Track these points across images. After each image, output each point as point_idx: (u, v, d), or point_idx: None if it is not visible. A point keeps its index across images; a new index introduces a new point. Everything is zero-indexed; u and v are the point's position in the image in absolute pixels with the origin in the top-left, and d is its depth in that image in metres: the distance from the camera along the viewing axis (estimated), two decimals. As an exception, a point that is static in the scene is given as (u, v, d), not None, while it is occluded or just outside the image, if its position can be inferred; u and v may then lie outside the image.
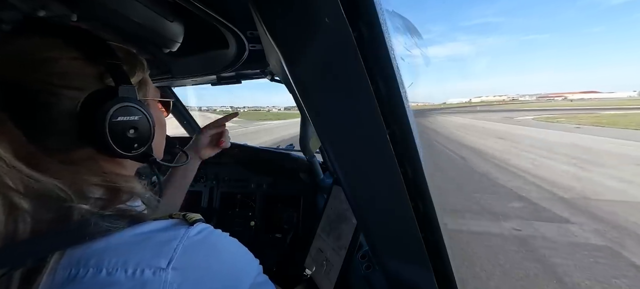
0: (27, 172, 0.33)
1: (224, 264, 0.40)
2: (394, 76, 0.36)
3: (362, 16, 0.33)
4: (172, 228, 0.37)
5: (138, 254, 0.33)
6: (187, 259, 0.35)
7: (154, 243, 0.35)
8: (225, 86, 1.43)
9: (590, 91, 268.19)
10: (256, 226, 1.49)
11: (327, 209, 1.02)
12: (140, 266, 0.32)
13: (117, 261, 0.32)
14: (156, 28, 0.58)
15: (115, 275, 0.31)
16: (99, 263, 0.32)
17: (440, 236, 0.46)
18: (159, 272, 0.32)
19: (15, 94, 0.35)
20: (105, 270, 0.31)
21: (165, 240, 0.35)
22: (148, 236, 0.35)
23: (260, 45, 0.78)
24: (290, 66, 0.36)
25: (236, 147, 1.62)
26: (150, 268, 0.32)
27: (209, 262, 0.38)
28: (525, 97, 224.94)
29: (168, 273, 0.33)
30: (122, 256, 0.33)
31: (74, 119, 0.37)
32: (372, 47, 0.34)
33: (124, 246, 0.34)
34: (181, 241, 0.35)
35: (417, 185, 0.42)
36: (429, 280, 0.49)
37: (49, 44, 0.38)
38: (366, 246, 0.86)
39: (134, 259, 0.33)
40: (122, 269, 0.32)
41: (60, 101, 0.37)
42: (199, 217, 0.40)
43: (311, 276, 0.94)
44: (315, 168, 1.46)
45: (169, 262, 0.33)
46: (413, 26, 0.43)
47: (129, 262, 0.32)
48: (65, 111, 0.37)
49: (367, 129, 0.39)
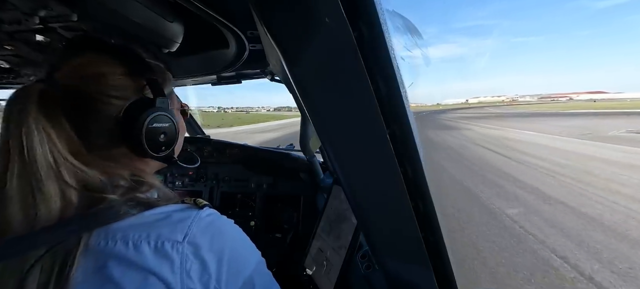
0: (77, 165, 0.40)
1: (229, 243, 0.45)
2: (394, 76, 0.36)
3: (362, 16, 0.33)
4: (186, 210, 0.44)
5: (158, 230, 0.40)
6: (199, 235, 0.41)
7: (171, 221, 0.41)
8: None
9: (597, 91, 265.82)
10: (256, 225, 1.49)
11: (327, 209, 1.02)
12: (161, 239, 0.39)
13: (140, 235, 0.39)
14: (156, 28, 0.58)
15: (140, 247, 0.38)
16: (125, 236, 0.38)
17: (440, 236, 0.46)
18: (176, 245, 0.39)
19: (74, 100, 0.43)
20: (131, 242, 0.38)
21: (180, 219, 0.42)
22: (166, 215, 0.42)
23: (260, 45, 0.78)
24: (290, 66, 0.36)
25: (236, 147, 1.62)
26: (169, 241, 0.39)
27: (217, 240, 0.43)
28: (525, 97, 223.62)
29: (184, 246, 0.39)
30: (144, 231, 0.39)
31: (117, 123, 0.45)
32: (372, 47, 0.34)
33: (146, 224, 0.40)
34: (194, 220, 0.42)
35: (417, 185, 0.42)
36: (429, 280, 0.49)
37: (102, 61, 0.46)
38: (366, 246, 0.86)
39: (155, 233, 0.39)
40: (146, 242, 0.38)
41: (108, 108, 0.45)
42: (207, 203, 0.47)
43: (311, 276, 0.94)
44: (315, 168, 1.46)
45: (185, 237, 0.40)
46: (413, 26, 0.43)
47: (151, 236, 0.39)
48: (111, 116, 0.45)
49: (367, 129, 0.39)
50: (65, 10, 0.51)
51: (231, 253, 0.44)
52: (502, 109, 58.91)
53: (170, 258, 0.38)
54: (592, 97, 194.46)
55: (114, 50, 0.48)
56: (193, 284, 0.39)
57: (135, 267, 0.37)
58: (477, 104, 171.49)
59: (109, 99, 0.45)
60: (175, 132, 0.52)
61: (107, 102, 0.44)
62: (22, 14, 0.52)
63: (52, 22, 0.55)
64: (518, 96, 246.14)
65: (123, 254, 0.37)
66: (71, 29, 0.60)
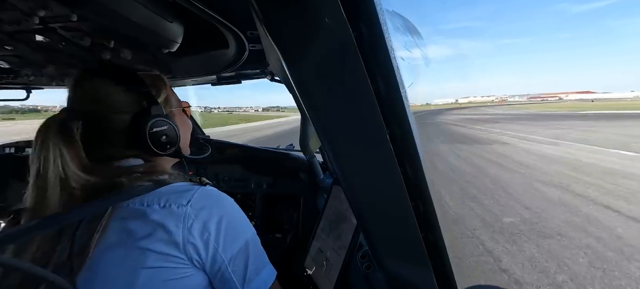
0: (83, 176, 0.51)
1: (227, 213, 0.54)
2: (394, 76, 0.36)
3: (362, 16, 0.33)
4: (191, 184, 0.54)
5: (167, 196, 0.50)
6: (200, 202, 0.51)
7: (178, 190, 0.52)
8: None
9: (585, 91, 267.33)
10: (256, 226, 1.49)
11: (327, 209, 1.02)
12: (168, 202, 0.49)
13: (152, 199, 0.50)
14: (156, 28, 0.58)
15: (152, 206, 0.49)
16: (142, 200, 0.50)
17: (440, 236, 0.46)
18: (181, 206, 0.49)
19: (85, 119, 0.54)
20: (145, 203, 0.49)
21: (186, 189, 0.52)
22: (174, 187, 0.52)
23: (260, 45, 0.78)
24: (290, 66, 0.36)
25: (236, 147, 1.62)
26: (175, 203, 0.49)
27: (217, 207, 0.53)
28: (515, 97, 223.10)
29: (187, 208, 0.49)
30: (156, 197, 0.50)
31: (124, 133, 0.56)
32: (372, 47, 0.34)
33: (157, 193, 0.51)
34: (197, 191, 0.52)
35: (417, 185, 0.42)
36: (429, 280, 0.49)
37: (105, 83, 0.56)
38: (366, 246, 0.86)
39: (165, 198, 0.50)
40: (156, 203, 0.49)
41: (116, 122, 0.56)
42: (210, 182, 0.58)
43: (311, 276, 0.94)
44: (315, 168, 1.46)
45: (188, 201, 0.50)
46: (413, 26, 0.43)
47: (161, 199, 0.50)
48: (121, 127, 0.56)
49: (367, 129, 0.39)
50: (65, 11, 0.51)
51: (229, 219, 0.53)
52: (501, 110, 52.58)
53: (175, 215, 0.48)
54: (581, 97, 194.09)
55: (110, 73, 0.58)
56: (194, 239, 0.48)
57: (146, 220, 0.47)
58: (468, 104, 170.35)
59: (115, 115, 0.56)
60: (175, 132, 0.60)
61: (115, 118, 0.55)
62: (22, 14, 0.52)
63: (52, 22, 0.55)
64: (507, 96, 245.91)
65: (138, 210, 0.48)
66: (71, 29, 0.60)
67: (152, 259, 0.46)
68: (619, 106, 49.10)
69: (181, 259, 0.48)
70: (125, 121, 0.56)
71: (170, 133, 0.59)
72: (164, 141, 0.57)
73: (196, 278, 0.50)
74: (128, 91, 0.57)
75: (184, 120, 0.68)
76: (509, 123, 19.38)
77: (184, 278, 0.48)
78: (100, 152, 0.55)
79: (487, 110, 52.54)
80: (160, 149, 0.57)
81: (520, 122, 19.95)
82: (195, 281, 0.50)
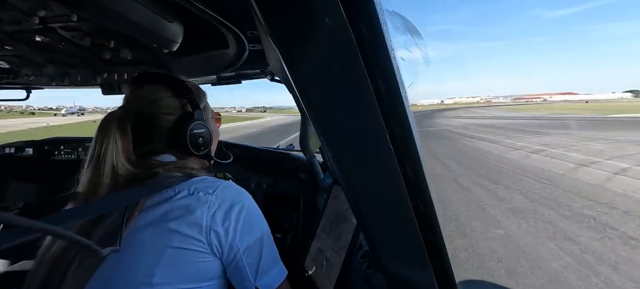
0: (129, 167, 0.58)
1: (246, 205, 0.60)
2: (394, 76, 0.36)
3: (362, 16, 0.33)
4: (216, 179, 0.62)
5: (195, 185, 0.57)
6: (224, 193, 0.58)
7: (205, 182, 0.59)
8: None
9: (569, 93, 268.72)
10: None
11: (327, 209, 1.02)
12: (197, 190, 0.56)
13: (182, 186, 0.57)
14: (156, 28, 0.58)
15: (181, 193, 0.56)
16: (173, 188, 0.56)
17: (440, 236, 0.46)
18: (207, 194, 0.56)
19: (141, 119, 0.63)
20: (177, 190, 0.56)
21: (212, 181, 0.60)
22: (202, 180, 0.60)
23: (260, 45, 0.78)
24: (290, 66, 0.36)
25: (236, 147, 1.62)
26: (203, 191, 0.56)
27: (238, 199, 0.59)
28: (499, 99, 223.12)
29: (213, 197, 0.56)
30: (186, 185, 0.57)
31: (170, 132, 0.64)
32: (372, 47, 0.34)
33: (188, 183, 0.58)
34: (222, 183, 0.60)
35: (417, 185, 0.42)
36: (429, 280, 0.49)
37: (157, 89, 0.66)
38: (366, 246, 0.86)
39: (193, 186, 0.57)
40: (186, 190, 0.56)
41: (163, 122, 0.64)
42: (232, 178, 0.68)
43: (311, 276, 0.94)
44: (315, 168, 1.46)
45: (214, 191, 0.57)
46: (413, 26, 0.43)
47: (190, 187, 0.57)
48: (166, 127, 0.64)
49: (367, 129, 0.39)
50: (65, 11, 0.51)
51: (248, 211, 0.59)
52: (497, 112, 45.83)
53: (202, 201, 0.55)
54: (566, 98, 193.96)
55: (164, 80, 0.67)
56: (216, 226, 0.54)
57: (176, 203, 0.54)
58: (454, 105, 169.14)
59: (163, 116, 0.64)
60: (210, 136, 0.69)
61: (162, 118, 0.64)
62: (22, 14, 0.52)
63: (51, 23, 0.55)
64: (491, 97, 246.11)
65: (170, 195, 0.55)
66: (71, 29, 0.60)
67: (178, 240, 0.51)
68: (619, 108, 43.83)
69: (202, 244, 0.53)
70: (170, 121, 0.64)
71: (206, 136, 0.67)
72: (200, 142, 0.66)
73: (213, 264, 0.56)
74: (176, 96, 0.66)
75: (215, 127, 0.77)
76: (544, 134, 12.43)
77: (203, 263, 0.54)
78: (145, 146, 0.63)
79: (482, 112, 46.05)
80: (195, 149, 0.65)
81: (555, 132, 13.24)
82: (212, 266, 0.56)
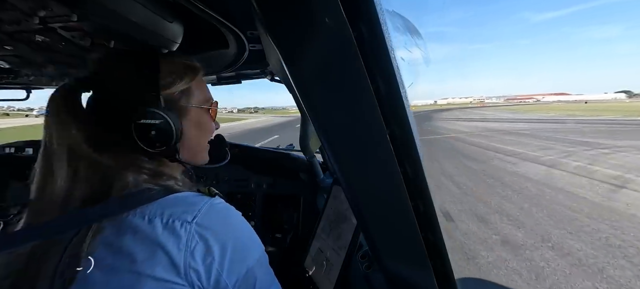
0: (92, 153, 0.48)
1: (236, 233, 0.49)
2: (394, 76, 0.36)
3: (362, 16, 0.33)
4: (199, 195, 0.49)
5: (171, 209, 0.45)
6: (207, 219, 0.45)
7: (184, 202, 0.46)
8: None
9: (561, 93, 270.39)
10: (256, 226, 1.49)
11: (327, 209, 1.02)
12: (172, 217, 0.44)
13: (155, 212, 0.44)
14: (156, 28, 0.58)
15: (153, 221, 0.43)
16: (143, 212, 0.44)
17: (440, 236, 0.46)
18: (185, 224, 0.43)
19: (99, 98, 0.53)
20: (146, 217, 0.44)
21: (192, 202, 0.46)
22: (181, 198, 0.47)
23: (260, 45, 0.78)
24: (290, 66, 0.36)
25: (236, 147, 1.62)
26: (179, 220, 0.43)
27: (223, 227, 0.47)
28: (492, 99, 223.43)
29: (192, 226, 0.43)
30: (159, 208, 0.44)
31: (124, 120, 0.50)
32: (372, 47, 0.34)
33: (162, 203, 0.45)
34: (205, 204, 0.46)
35: (417, 185, 0.42)
36: (429, 280, 0.49)
37: (123, 61, 0.55)
38: (366, 246, 0.86)
39: (168, 212, 0.44)
40: (159, 218, 0.43)
41: (120, 105, 0.52)
42: (218, 193, 0.51)
43: (311, 276, 0.94)
44: (315, 168, 1.46)
45: (194, 218, 0.44)
46: (413, 26, 0.43)
47: (164, 214, 0.44)
48: (123, 112, 0.50)
49: (367, 129, 0.39)
50: (65, 11, 0.51)
51: (236, 241, 0.47)
52: (497, 113, 41.01)
53: (178, 235, 0.42)
54: (558, 98, 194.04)
55: (134, 54, 0.56)
56: (196, 264, 0.43)
57: (146, 239, 0.42)
58: (448, 105, 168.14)
59: (122, 95, 0.52)
60: (171, 128, 0.52)
61: (121, 99, 0.52)
62: (22, 14, 0.52)
63: (52, 22, 0.55)
64: (484, 97, 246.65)
65: (138, 225, 0.43)
66: (71, 29, 0.60)
67: (150, 285, 0.40)
68: (621, 108, 41.63)
69: (182, 286, 0.42)
70: (127, 104, 0.51)
71: (163, 128, 0.51)
72: (152, 136, 0.50)
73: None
74: (139, 74, 0.53)
75: (201, 121, 0.60)
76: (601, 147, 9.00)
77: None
78: (107, 134, 0.50)
79: (483, 113, 41.84)
80: (148, 144, 0.50)
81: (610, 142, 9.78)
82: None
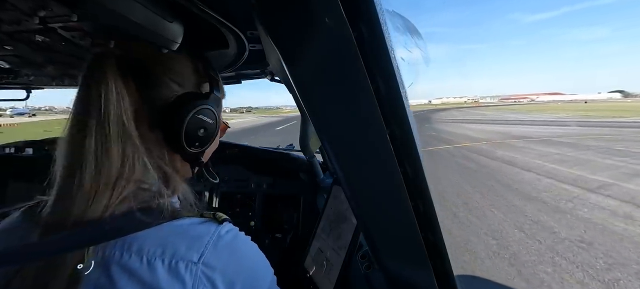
0: (136, 133, 0.42)
1: (245, 266, 0.44)
2: (394, 76, 0.36)
3: (362, 16, 0.33)
4: (204, 225, 0.42)
5: (174, 246, 0.38)
6: (215, 257, 0.40)
7: (188, 236, 0.40)
8: None
9: (555, 93, 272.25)
10: (256, 226, 1.49)
11: (327, 209, 1.02)
12: (175, 258, 0.37)
13: (155, 251, 0.37)
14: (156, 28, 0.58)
15: (153, 264, 0.37)
16: (140, 250, 0.37)
17: (440, 236, 0.46)
18: (190, 265, 0.38)
19: (139, 72, 0.46)
20: (145, 258, 0.37)
21: (198, 235, 0.40)
22: (184, 229, 0.41)
23: (260, 45, 0.78)
24: (290, 66, 0.36)
25: (236, 147, 1.62)
26: (184, 261, 0.38)
27: (233, 262, 0.42)
28: (486, 99, 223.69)
29: (199, 267, 0.38)
30: (160, 246, 0.38)
31: (164, 106, 0.46)
32: (372, 47, 0.34)
33: (163, 236, 0.39)
34: (211, 238, 0.41)
35: (417, 185, 0.42)
36: (429, 280, 0.49)
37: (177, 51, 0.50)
38: (366, 246, 0.86)
39: (170, 250, 0.38)
40: (160, 260, 0.37)
41: (165, 90, 0.47)
42: (226, 217, 0.45)
43: (311, 276, 0.94)
44: (315, 168, 1.46)
45: (200, 257, 0.39)
46: (413, 26, 0.43)
47: (166, 253, 0.38)
48: (164, 97, 0.47)
49: (367, 129, 0.39)
50: (65, 11, 0.51)
51: (246, 276, 0.43)
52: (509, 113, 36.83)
53: (183, 281, 0.37)
54: (552, 98, 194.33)
55: (191, 48, 0.53)
56: None
57: (146, 286, 0.35)
58: (442, 105, 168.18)
59: (169, 82, 0.47)
60: (214, 133, 0.52)
61: (165, 85, 0.47)
62: (22, 14, 0.52)
63: (52, 22, 0.55)
64: (478, 97, 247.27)
65: (135, 269, 0.36)
66: (71, 29, 0.60)
67: None
68: (629, 108, 38.29)
69: None
70: (174, 93, 0.47)
71: (210, 131, 0.51)
72: (200, 134, 0.49)
73: None
74: (196, 70, 0.51)
75: (218, 133, 0.60)
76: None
77: None
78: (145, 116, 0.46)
79: (484, 113, 38.92)
80: (188, 140, 0.48)
81: None
82: None
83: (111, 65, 0.42)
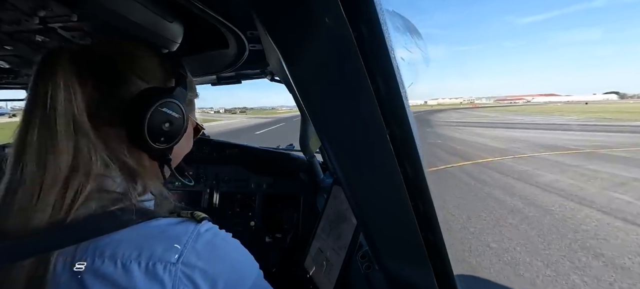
0: (89, 129, 0.41)
1: (226, 264, 0.42)
2: (394, 76, 0.36)
3: (362, 16, 0.33)
4: (182, 224, 0.40)
5: (150, 248, 0.36)
6: (194, 255, 0.38)
7: (165, 237, 0.38)
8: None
9: (550, 94, 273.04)
10: (256, 226, 1.49)
11: (327, 209, 1.02)
12: (152, 260, 0.36)
13: (130, 254, 0.35)
14: (156, 29, 0.58)
15: (129, 267, 0.35)
16: (114, 254, 0.35)
17: (440, 236, 0.46)
18: (169, 266, 0.36)
19: (102, 67, 0.44)
20: (120, 262, 0.35)
21: (175, 235, 0.39)
22: (161, 230, 0.39)
23: (260, 45, 0.78)
24: (290, 66, 0.36)
25: (236, 147, 1.62)
26: (162, 262, 0.36)
27: (214, 260, 0.40)
28: (481, 100, 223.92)
29: (178, 267, 0.36)
30: (135, 249, 0.36)
31: (128, 101, 0.44)
32: (372, 47, 0.34)
33: (137, 239, 0.37)
34: (190, 238, 0.39)
35: (417, 185, 0.42)
36: (429, 280, 0.49)
37: (142, 47, 0.50)
38: (366, 246, 0.86)
39: (147, 252, 0.36)
40: (136, 262, 0.35)
41: (129, 86, 0.45)
42: (205, 216, 0.43)
43: (311, 276, 0.94)
44: (315, 168, 1.46)
45: (179, 257, 0.37)
46: (413, 26, 0.43)
47: (142, 255, 0.36)
48: (127, 93, 0.44)
49: (367, 129, 0.39)
50: (65, 11, 0.51)
51: (229, 274, 0.42)
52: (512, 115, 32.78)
53: (162, 282, 0.35)
54: (548, 99, 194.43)
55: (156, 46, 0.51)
56: None
57: (122, 284, 0.34)
58: (438, 106, 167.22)
59: (134, 78, 0.45)
60: (182, 127, 0.49)
61: (131, 81, 0.45)
62: (22, 14, 0.52)
63: (52, 22, 0.55)
64: (474, 98, 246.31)
65: (109, 274, 0.34)
66: (71, 29, 0.60)
67: None
68: (628, 109, 35.43)
69: None
70: (138, 88, 0.45)
71: (177, 125, 0.47)
72: (164, 129, 0.46)
73: None
74: (163, 66, 0.49)
75: (191, 135, 0.58)
76: None
77: None
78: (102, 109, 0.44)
79: (486, 115, 34.07)
80: (152, 136, 0.44)
81: None
82: None
83: (63, 61, 0.41)
